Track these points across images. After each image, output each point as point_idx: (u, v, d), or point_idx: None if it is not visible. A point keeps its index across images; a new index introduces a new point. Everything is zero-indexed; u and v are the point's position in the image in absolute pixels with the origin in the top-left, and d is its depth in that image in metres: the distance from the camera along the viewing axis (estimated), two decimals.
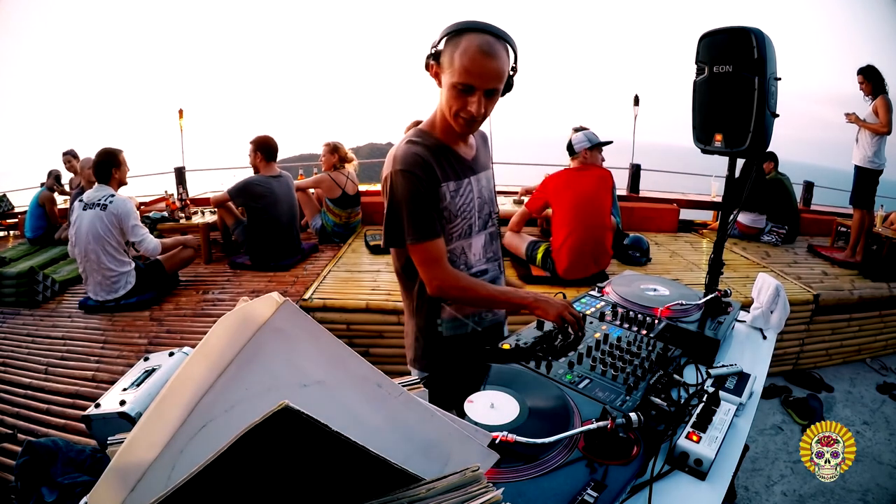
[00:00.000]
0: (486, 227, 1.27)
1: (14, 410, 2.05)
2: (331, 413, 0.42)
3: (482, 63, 1.01)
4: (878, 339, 3.41)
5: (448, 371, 1.05)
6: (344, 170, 3.98)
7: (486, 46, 1.01)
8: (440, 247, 1.14)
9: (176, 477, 0.46)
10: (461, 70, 1.01)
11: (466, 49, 1.00)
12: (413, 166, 1.09)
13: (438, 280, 1.14)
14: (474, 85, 1.03)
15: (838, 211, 5.16)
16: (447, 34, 1.04)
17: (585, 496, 0.69)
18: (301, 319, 0.53)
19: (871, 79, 3.58)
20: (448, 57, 1.03)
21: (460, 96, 1.05)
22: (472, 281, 1.18)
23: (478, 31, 1.01)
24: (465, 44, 1.01)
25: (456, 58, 1.01)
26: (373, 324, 2.79)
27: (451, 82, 1.04)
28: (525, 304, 1.15)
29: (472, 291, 1.16)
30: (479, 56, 1.00)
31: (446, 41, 1.04)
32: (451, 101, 1.06)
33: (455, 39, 1.02)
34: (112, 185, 2.93)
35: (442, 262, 1.14)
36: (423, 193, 1.10)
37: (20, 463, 1.35)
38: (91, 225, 2.82)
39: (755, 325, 1.43)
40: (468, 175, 1.20)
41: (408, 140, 1.15)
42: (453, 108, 1.07)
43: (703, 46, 1.26)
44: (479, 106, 1.05)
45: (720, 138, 1.28)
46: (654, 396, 0.91)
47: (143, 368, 1.58)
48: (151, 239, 3.00)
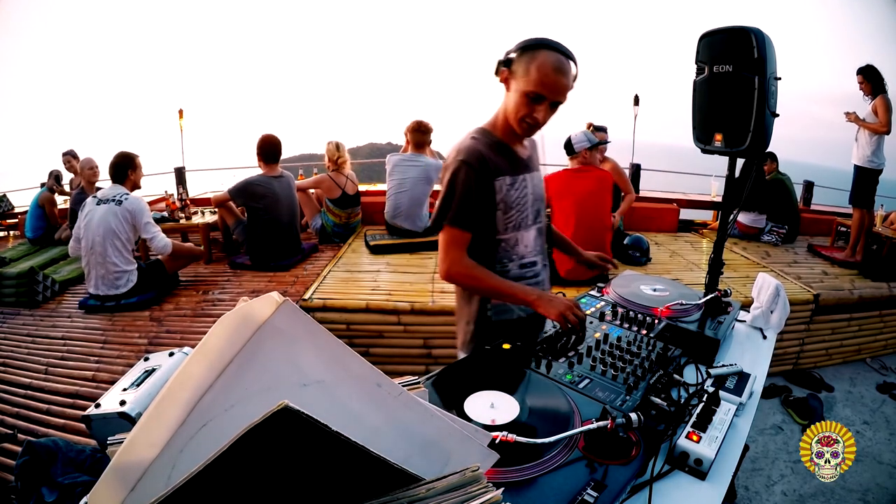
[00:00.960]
0: (536, 222, 1.37)
1: (14, 410, 2.04)
2: (330, 413, 0.42)
3: (554, 78, 1.12)
4: (878, 338, 3.41)
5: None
6: (344, 170, 3.98)
7: (559, 64, 1.13)
8: (466, 238, 1.24)
9: (176, 477, 0.46)
10: (536, 81, 1.12)
11: (543, 63, 1.12)
12: (474, 160, 1.20)
13: (453, 264, 1.24)
14: (544, 95, 1.14)
15: (838, 211, 5.16)
16: (524, 46, 1.14)
17: (585, 496, 0.69)
18: (301, 319, 0.53)
19: (870, 79, 3.58)
20: (523, 67, 1.13)
21: (529, 104, 1.16)
22: (482, 271, 1.25)
23: (553, 49, 1.13)
24: (542, 58, 1.12)
25: (532, 69, 1.12)
26: (373, 324, 2.79)
27: (524, 90, 1.14)
28: (528, 301, 1.22)
29: (480, 281, 1.25)
30: (552, 71, 1.12)
31: (522, 52, 1.14)
32: (519, 106, 1.17)
33: (532, 52, 1.13)
34: (126, 185, 3.01)
35: (462, 250, 1.24)
36: (474, 185, 1.21)
37: (20, 463, 1.35)
38: (103, 218, 2.86)
39: (755, 325, 1.43)
40: (523, 172, 1.31)
41: (471, 136, 1.26)
42: (520, 113, 1.18)
43: (703, 46, 1.26)
44: (544, 114, 1.17)
45: (720, 138, 1.28)
46: (654, 396, 0.91)
47: (143, 368, 1.58)
48: (163, 237, 3.02)
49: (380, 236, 3.95)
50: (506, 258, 1.32)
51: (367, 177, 7.82)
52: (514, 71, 1.16)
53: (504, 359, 1.07)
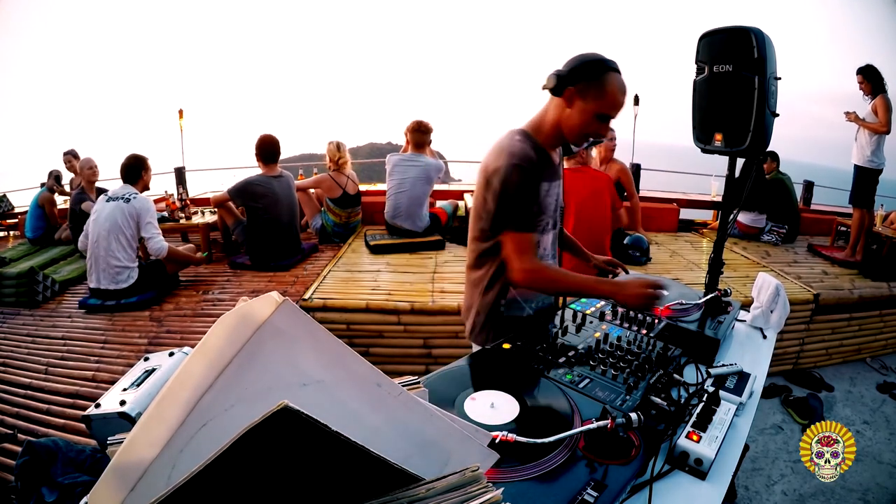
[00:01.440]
0: (555, 227, 1.42)
1: (14, 410, 2.04)
2: (330, 413, 0.42)
3: (622, 100, 1.22)
4: (878, 338, 3.41)
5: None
6: (344, 170, 3.98)
7: (624, 86, 1.21)
8: (534, 240, 1.28)
9: (176, 477, 0.46)
10: (609, 104, 1.19)
11: (614, 88, 1.19)
12: (526, 162, 1.23)
13: (529, 269, 1.25)
14: (612, 116, 1.22)
15: (838, 210, 5.16)
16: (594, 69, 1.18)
17: (585, 496, 0.69)
18: (301, 319, 0.53)
19: (870, 78, 3.58)
20: (595, 90, 1.19)
21: (598, 122, 1.22)
22: (557, 271, 1.30)
23: (617, 71, 1.20)
24: (613, 82, 1.19)
25: (605, 93, 1.18)
26: (373, 324, 2.79)
27: (596, 111, 1.20)
28: (610, 294, 1.24)
29: (558, 282, 1.27)
30: (621, 95, 1.21)
31: (591, 73, 1.18)
32: (588, 124, 1.22)
33: (602, 75, 1.18)
34: (138, 186, 3.12)
35: (534, 253, 1.27)
36: (530, 189, 1.24)
37: (20, 463, 1.35)
38: (111, 214, 2.95)
39: (755, 325, 1.43)
40: (555, 178, 1.36)
41: (517, 138, 1.27)
42: (588, 130, 1.23)
43: (703, 46, 1.26)
44: (607, 130, 1.25)
45: (720, 138, 1.28)
46: (654, 396, 0.91)
47: (143, 368, 1.58)
48: (161, 240, 3.07)
49: (380, 236, 3.95)
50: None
51: (367, 177, 7.82)
52: (582, 91, 1.20)
53: (504, 359, 1.07)
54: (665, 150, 21.54)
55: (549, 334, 1.17)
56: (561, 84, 1.21)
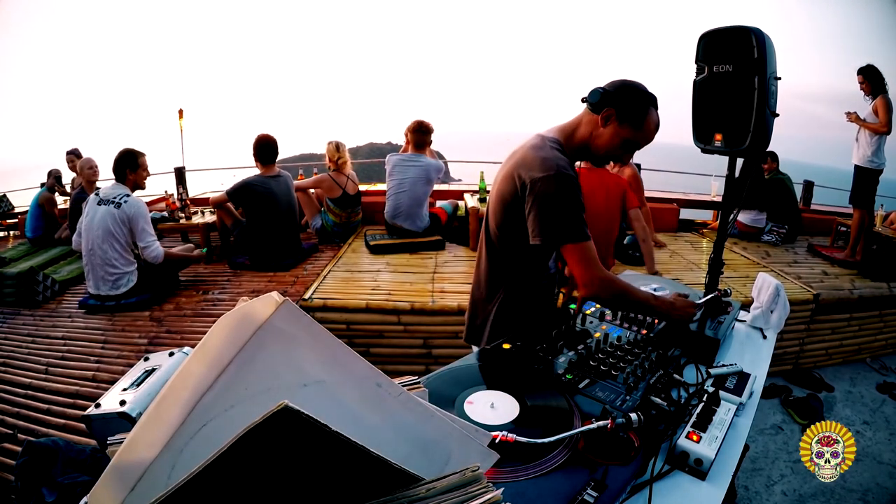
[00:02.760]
0: None
1: (14, 410, 2.04)
2: (331, 413, 0.42)
3: (654, 137, 1.26)
4: (878, 338, 3.41)
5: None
6: (344, 170, 3.98)
7: (659, 124, 1.26)
8: (595, 249, 1.22)
9: (176, 477, 0.46)
10: (645, 137, 1.24)
11: (651, 123, 1.24)
12: (571, 170, 1.24)
13: (601, 278, 1.19)
14: (640, 147, 1.27)
15: (838, 210, 5.16)
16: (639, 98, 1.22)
17: (585, 496, 0.69)
18: (301, 319, 0.53)
19: (870, 78, 3.58)
20: (636, 120, 1.22)
21: (628, 148, 1.25)
22: (625, 284, 1.23)
23: (657, 107, 1.25)
24: (652, 118, 1.24)
25: (645, 126, 1.23)
26: (373, 324, 2.79)
27: (630, 139, 1.23)
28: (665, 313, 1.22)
29: (627, 296, 1.21)
30: (656, 131, 1.26)
31: (635, 101, 1.22)
32: (615, 147, 1.25)
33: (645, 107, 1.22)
34: (127, 184, 2.95)
35: (599, 262, 1.21)
36: (579, 198, 1.22)
37: (20, 463, 1.35)
38: (102, 221, 2.84)
39: (755, 325, 1.43)
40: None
41: (551, 146, 1.26)
42: (613, 153, 1.26)
43: (703, 46, 1.26)
44: (630, 158, 1.33)
45: (720, 138, 1.28)
46: (654, 396, 0.91)
47: (143, 368, 1.58)
48: (157, 246, 2.98)
49: (380, 236, 3.95)
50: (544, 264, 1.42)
51: (367, 177, 7.82)
52: (621, 116, 1.21)
53: (504, 359, 1.07)
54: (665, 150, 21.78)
55: (549, 334, 1.17)
56: (603, 102, 1.21)
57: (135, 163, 2.94)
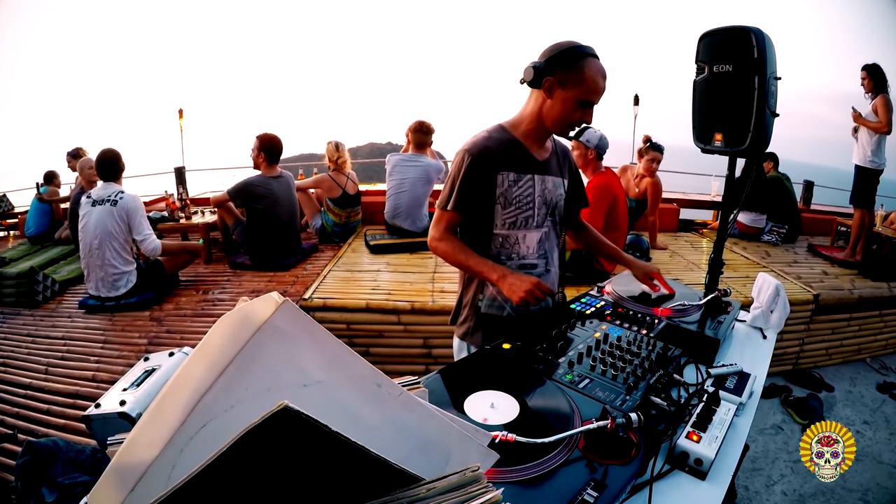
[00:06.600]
0: (543, 226, 1.39)
1: (14, 410, 2.04)
2: (331, 413, 0.42)
3: (602, 85, 1.21)
4: (878, 338, 3.41)
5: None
6: (344, 169, 3.98)
7: (603, 70, 1.21)
8: (452, 218, 1.34)
9: (176, 477, 0.46)
10: (589, 90, 1.20)
11: (592, 73, 1.19)
12: (475, 149, 1.28)
13: (431, 237, 1.36)
14: (594, 101, 1.23)
15: (838, 210, 5.16)
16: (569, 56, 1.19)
17: (585, 496, 0.69)
18: (301, 319, 0.53)
19: (873, 76, 3.59)
20: (574, 77, 1.19)
21: (580, 109, 1.23)
22: (455, 246, 1.33)
23: (594, 56, 1.20)
24: (591, 68, 1.19)
25: (584, 79, 1.19)
26: (373, 324, 2.79)
27: (577, 98, 1.20)
28: (490, 279, 1.30)
29: (452, 255, 1.33)
30: (601, 79, 1.21)
31: (567, 61, 1.19)
32: (571, 112, 1.23)
33: (578, 62, 1.19)
34: (119, 182, 2.97)
35: (446, 227, 1.34)
36: (469, 174, 1.27)
37: (20, 463, 1.35)
38: (100, 220, 2.83)
39: (755, 325, 1.43)
40: (532, 172, 1.33)
41: (485, 130, 1.33)
42: (571, 119, 1.24)
43: (703, 46, 1.26)
44: (591, 116, 1.25)
45: (720, 138, 1.28)
46: (654, 396, 0.91)
47: (143, 368, 1.58)
48: (154, 239, 3.00)
49: (380, 236, 3.95)
50: (504, 255, 1.36)
51: (367, 177, 7.82)
52: (560, 80, 1.20)
53: (504, 359, 1.07)
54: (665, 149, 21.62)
55: (549, 334, 1.17)
56: (539, 75, 1.22)
57: (121, 161, 2.99)
